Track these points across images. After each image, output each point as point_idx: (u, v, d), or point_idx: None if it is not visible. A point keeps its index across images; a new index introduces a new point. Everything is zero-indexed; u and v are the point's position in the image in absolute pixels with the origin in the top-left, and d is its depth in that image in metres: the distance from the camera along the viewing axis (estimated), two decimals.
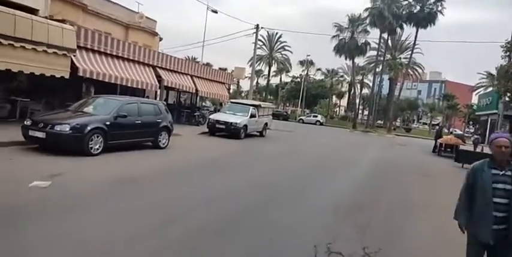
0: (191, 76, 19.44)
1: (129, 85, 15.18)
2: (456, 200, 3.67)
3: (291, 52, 68.38)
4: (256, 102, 20.34)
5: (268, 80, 70.41)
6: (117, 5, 27.29)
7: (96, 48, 13.91)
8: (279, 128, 27.60)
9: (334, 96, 76.02)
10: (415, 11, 41.83)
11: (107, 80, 14.06)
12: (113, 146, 9.38)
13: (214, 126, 16.84)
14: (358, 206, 7.09)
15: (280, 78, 72.34)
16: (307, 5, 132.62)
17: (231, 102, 19.95)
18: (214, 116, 17.41)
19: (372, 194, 8.41)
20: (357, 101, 59.06)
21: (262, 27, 29.52)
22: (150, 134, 10.65)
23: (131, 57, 15.42)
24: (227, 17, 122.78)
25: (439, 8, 41.04)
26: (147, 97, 22.92)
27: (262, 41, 68.14)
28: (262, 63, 69.34)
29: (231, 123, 16.55)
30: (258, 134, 19.54)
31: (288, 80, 73.29)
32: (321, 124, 48.17)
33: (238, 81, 79.09)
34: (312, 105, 68.57)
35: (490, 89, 48.58)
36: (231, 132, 16.66)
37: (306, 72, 66.64)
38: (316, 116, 52.88)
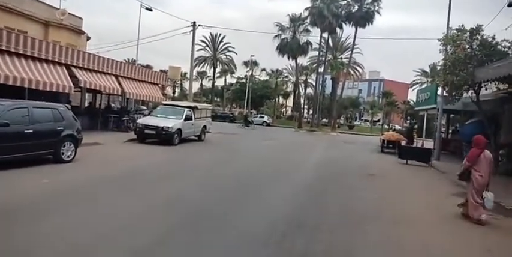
0: (116, 76, 17.30)
1: (34, 87, 12.84)
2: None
3: (236, 53, 67.30)
4: (192, 104, 18.67)
5: (214, 82, 68.64)
6: (34, 0, 24.24)
7: None
8: (223, 131, 26.15)
9: (280, 97, 75.99)
10: (353, 11, 42.50)
11: (4, 82, 11.70)
12: None
13: (142, 132, 14.95)
14: (298, 223, 5.82)
15: (225, 79, 70.92)
16: (252, 9, 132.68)
17: (163, 104, 18.07)
18: (143, 121, 15.50)
19: (314, 206, 7.20)
20: (302, 100, 59.27)
21: (199, 25, 27.78)
22: (47, 146, 8.64)
23: (37, 56, 13.09)
24: (165, 18, 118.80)
25: (376, 8, 42.05)
26: (70, 102, 20.38)
27: (205, 43, 66.40)
28: (206, 64, 67.44)
29: (162, 128, 14.77)
30: (196, 138, 17.92)
31: (233, 81, 72.12)
32: (268, 125, 47.54)
33: (181, 83, 76.53)
34: (258, 106, 67.86)
35: (425, 85, 51.03)
36: (163, 138, 14.88)
37: (250, 73, 65.83)
38: (262, 117, 52.15)
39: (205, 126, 18.42)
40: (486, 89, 14.20)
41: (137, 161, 10.75)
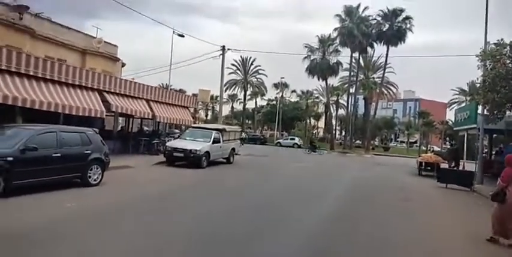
0: (147, 100, 17.68)
1: (67, 112, 13.30)
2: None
3: (266, 76, 67.97)
4: (220, 126, 18.68)
5: (245, 104, 69.36)
6: (72, 30, 25.73)
7: (32, 74, 12.19)
8: (253, 153, 25.96)
9: (311, 118, 75.39)
10: (384, 29, 42.02)
11: (38, 108, 12.19)
12: (21, 185, 7.43)
13: (171, 154, 14.99)
14: (327, 248, 5.36)
15: (256, 101, 71.48)
16: (281, 31, 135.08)
17: (192, 127, 18.20)
18: (172, 144, 15.59)
19: (342, 236, 6.67)
20: (334, 121, 58.36)
21: (229, 49, 28.40)
22: (75, 169, 8.72)
23: (71, 82, 13.62)
24: (196, 44, 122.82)
25: (408, 26, 41.42)
26: (104, 126, 21.01)
27: (236, 66, 67.77)
28: (237, 87, 68.52)
29: (190, 150, 14.74)
30: (224, 161, 17.76)
31: (264, 103, 72.53)
32: (299, 146, 46.83)
33: (212, 107, 77.83)
34: (289, 128, 67.50)
35: (463, 104, 48.86)
36: (191, 160, 14.83)
37: (280, 94, 66.02)
38: (293, 139, 51.65)
39: (233, 149, 18.28)
40: None
41: (164, 184, 10.67)
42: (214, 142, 16.05)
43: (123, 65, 34.79)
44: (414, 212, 9.46)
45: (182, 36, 29.72)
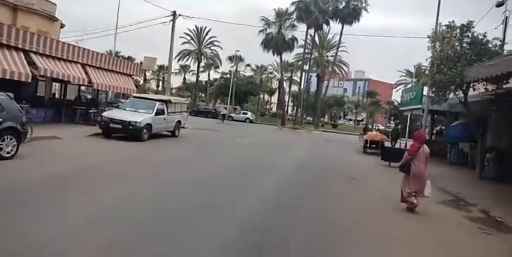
0: (83, 65, 15.94)
1: None
2: None
3: (221, 48, 65.74)
4: (165, 97, 17.51)
5: (198, 76, 67.08)
6: None
7: None
8: (202, 127, 25.06)
9: (265, 94, 75.03)
10: (340, 7, 41.79)
11: None
12: None
13: (107, 126, 13.72)
14: (265, 241, 4.85)
15: (209, 74, 69.53)
16: (240, 3, 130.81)
17: (134, 97, 16.84)
18: (108, 114, 14.24)
19: (284, 218, 6.22)
20: (286, 98, 58.46)
21: (180, 15, 26.52)
22: None
23: None
24: (150, 12, 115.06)
25: (363, 5, 41.47)
26: (35, 92, 18.92)
27: (190, 36, 64.81)
28: (190, 58, 65.84)
29: (129, 122, 13.56)
30: (169, 134, 16.78)
31: (218, 76, 70.76)
32: (251, 121, 46.51)
33: (163, 78, 74.64)
34: (242, 102, 66.76)
35: (409, 85, 50.85)
36: (130, 133, 13.69)
37: (235, 68, 64.62)
38: (245, 113, 51.15)
39: (179, 122, 17.27)
40: (474, 90, 13.56)
41: (92, 159, 9.55)
42: (157, 114, 14.95)
43: (62, 26, 31.62)
44: (357, 192, 9.32)
45: None
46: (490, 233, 6.50)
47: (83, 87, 22.42)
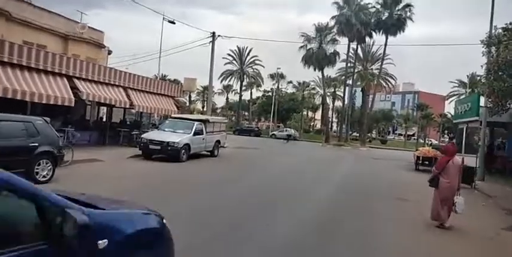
0: (124, 88, 16.38)
1: (35, 100, 12.10)
2: None
3: (263, 66, 66.35)
4: (203, 117, 17.49)
5: (241, 95, 67.96)
6: (54, 14, 24.33)
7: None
8: (244, 146, 24.84)
9: (308, 110, 74.05)
10: (383, 18, 40.52)
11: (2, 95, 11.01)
12: None
13: (147, 147, 13.80)
14: None
15: (251, 92, 70.01)
16: (281, 23, 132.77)
17: (172, 117, 16.95)
18: (148, 135, 14.36)
19: (320, 248, 5.51)
20: (330, 113, 57.12)
21: (219, 35, 26.96)
22: (17, 165, 7.49)
23: (34, 66, 12.33)
24: (190, 33, 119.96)
25: (408, 14, 39.93)
26: (83, 116, 19.77)
27: (232, 56, 66.27)
28: (233, 78, 67.04)
29: (168, 142, 13.55)
30: (208, 154, 16.60)
31: (260, 94, 71.14)
32: (294, 139, 45.67)
33: (207, 98, 76.29)
34: (285, 119, 66.27)
35: (463, 97, 47.64)
36: (168, 153, 13.65)
37: (277, 85, 64.65)
38: (287, 130, 50.53)
39: (218, 141, 17.08)
40: None
41: (126, 181, 9.43)
42: (195, 134, 14.85)
43: (110, 52, 33.35)
44: (408, 216, 8.32)
45: (173, 23, 28.24)
46: None
47: (132, 111, 23.19)
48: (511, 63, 10.66)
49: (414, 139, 61.62)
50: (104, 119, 22.34)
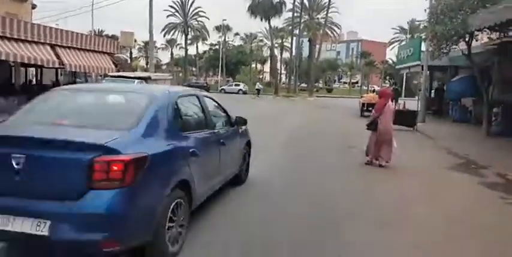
0: (52, 46, 14.60)
1: None
2: None
3: (208, 18, 63.16)
4: (144, 74, 16.35)
5: (186, 50, 64.94)
6: None
7: None
8: None
9: (257, 63, 73.02)
10: None
11: None
12: None
13: None
14: None
15: (197, 46, 67.15)
16: None
17: (110, 76, 15.66)
18: None
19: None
20: (279, 65, 56.81)
21: None
22: None
23: None
24: None
25: None
26: (10, 79, 17.70)
27: (175, 8, 62.12)
28: (176, 31, 63.46)
29: None
30: None
31: (206, 48, 68.51)
32: (244, 93, 45.29)
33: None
34: (234, 73, 65.10)
35: (404, 43, 49.14)
36: None
37: (223, 38, 62.39)
38: (238, 85, 49.85)
39: None
40: (477, 41, 12.46)
41: None
42: None
43: (34, 6, 29.60)
44: (357, 162, 8.49)
45: None
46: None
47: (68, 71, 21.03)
48: (452, 7, 10.74)
49: (358, 86, 63.74)
50: (34, 82, 20.28)
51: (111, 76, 15.44)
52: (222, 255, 3.52)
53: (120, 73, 16.10)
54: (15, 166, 2.76)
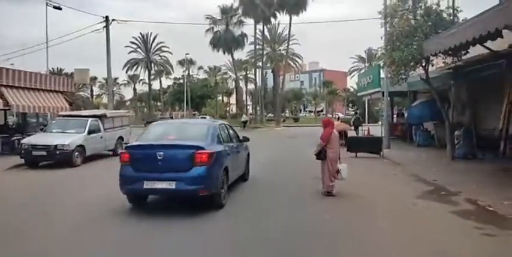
0: None
1: None
2: None
3: (171, 53, 63.25)
4: (99, 112, 15.46)
5: (150, 85, 64.29)
6: None
7: None
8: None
9: (223, 95, 73.14)
10: None
11: None
12: None
13: (29, 153, 11.58)
14: None
15: (160, 81, 66.79)
16: (187, 8, 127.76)
17: (60, 116, 14.64)
18: (29, 140, 12.04)
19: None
20: (244, 97, 57.06)
21: (113, 20, 24.25)
22: None
23: None
24: (84, 21, 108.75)
25: None
26: None
27: (136, 44, 61.98)
28: (139, 67, 62.91)
29: (56, 146, 11.51)
30: (110, 153, 14.75)
31: (170, 82, 68.14)
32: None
33: (112, 91, 70.78)
34: (200, 106, 64.62)
35: (362, 71, 51.07)
36: (58, 159, 11.64)
37: (187, 72, 62.35)
38: (204, 117, 49.21)
39: (122, 138, 15.28)
40: (432, 66, 12.73)
41: None
42: (90, 132, 12.95)
43: None
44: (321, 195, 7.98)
45: (59, 8, 24.48)
46: (491, 233, 5.30)
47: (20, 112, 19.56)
48: (406, 33, 10.92)
49: (323, 114, 64.89)
50: None
51: (63, 116, 14.40)
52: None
53: (71, 112, 15.13)
54: (158, 158, 6.08)
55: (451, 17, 10.90)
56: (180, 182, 5.97)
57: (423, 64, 11.43)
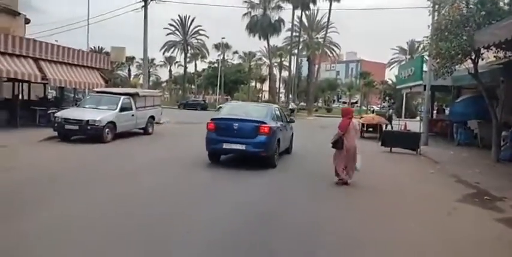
0: (35, 59, 13.93)
1: None
2: None
3: (207, 36, 63.17)
4: (132, 90, 15.59)
5: (185, 68, 64.75)
6: None
7: None
8: (185, 121, 23.25)
9: (256, 81, 72.68)
10: None
11: None
12: None
13: (62, 127, 11.83)
14: None
15: (195, 64, 67.03)
16: None
17: (96, 92, 14.87)
18: (62, 114, 12.29)
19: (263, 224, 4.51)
20: (277, 84, 56.36)
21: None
22: None
23: None
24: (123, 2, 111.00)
25: None
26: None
27: (174, 26, 62.35)
28: (176, 49, 63.43)
29: (87, 121, 11.68)
30: (141, 131, 14.91)
31: (205, 66, 68.32)
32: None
33: (148, 71, 71.93)
34: (232, 91, 64.57)
35: (403, 63, 48.87)
36: (89, 134, 11.83)
37: (222, 56, 62.19)
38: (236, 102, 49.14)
39: (152, 117, 15.37)
40: (482, 59, 11.72)
41: (18, 174, 7.59)
42: (122, 110, 13.04)
43: (28, 21, 29.23)
44: (355, 191, 7.55)
45: None
46: None
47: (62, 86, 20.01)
48: (457, 22, 10.05)
49: (357, 106, 63.11)
50: (21, 97, 19.41)
51: (97, 92, 14.63)
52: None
53: (106, 89, 15.28)
54: (234, 127, 8.79)
55: (509, 6, 9.86)
56: (248, 146, 8.61)
57: (472, 57, 10.51)
